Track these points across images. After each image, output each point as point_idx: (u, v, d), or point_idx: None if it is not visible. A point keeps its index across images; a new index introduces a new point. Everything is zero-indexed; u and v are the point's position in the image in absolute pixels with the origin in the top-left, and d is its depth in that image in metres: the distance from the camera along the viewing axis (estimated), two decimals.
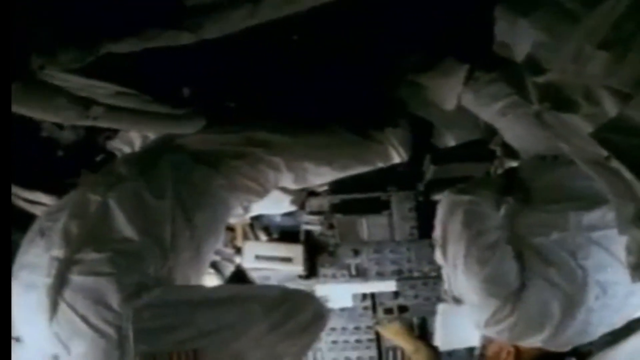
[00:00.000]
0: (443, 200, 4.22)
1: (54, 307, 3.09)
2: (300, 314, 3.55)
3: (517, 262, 3.72)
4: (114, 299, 3.10)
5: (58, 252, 3.22)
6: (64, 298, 3.11)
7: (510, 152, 4.43)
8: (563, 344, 3.83)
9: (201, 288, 3.82)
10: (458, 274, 3.87)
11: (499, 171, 4.61)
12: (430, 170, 4.73)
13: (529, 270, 3.70)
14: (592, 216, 3.70)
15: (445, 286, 4.29)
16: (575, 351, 4.03)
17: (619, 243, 3.47)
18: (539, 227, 3.76)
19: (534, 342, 3.78)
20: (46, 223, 3.45)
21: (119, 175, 3.69)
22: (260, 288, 4.50)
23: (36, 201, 4.27)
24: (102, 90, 3.28)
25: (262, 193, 4.38)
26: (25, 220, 3.76)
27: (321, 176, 4.60)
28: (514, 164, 4.47)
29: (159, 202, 3.58)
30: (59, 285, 3.12)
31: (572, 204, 3.75)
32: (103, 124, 3.53)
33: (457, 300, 4.04)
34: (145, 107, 3.68)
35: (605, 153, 2.60)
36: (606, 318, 3.76)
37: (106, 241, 3.33)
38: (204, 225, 3.84)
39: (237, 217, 4.73)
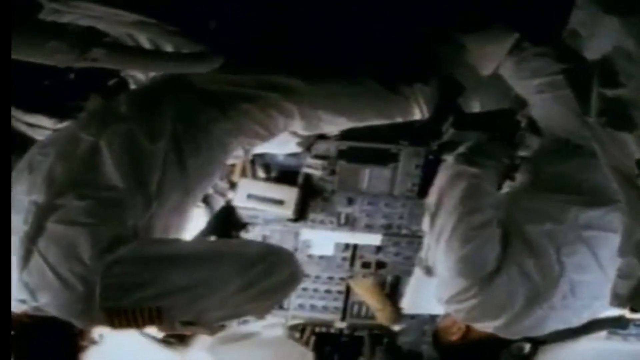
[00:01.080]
0: (446, 166, 4.50)
1: (26, 257, 3.21)
2: (274, 275, 3.70)
3: (500, 245, 3.94)
4: (86, 252, 3.19)
5: (38, 197, 3.31)
6: (37, 247, 3.21)
7: (534, 128, 4.52)
8: (514, 334, 4.22)
9: (176, 243, 3.85)
10: (439, 246, 4.10)
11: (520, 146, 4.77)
12: (448, 133, 4.95)
13: (508, 255, 3.91)
14: (591, 214, 3.93)
15: (422, 254, 4.60)
16: (528, 338, 4.60)
17: (606, 247, 3.87)
18: (536, 214, 3.99)
19: (485, 327, 4.11)
20: (37, 157, 3.53)
21: (117, 114, 3.77)
22: (238, 245, 4.55)
23: (38, 125, 4.33)
24: (120, 17, 3.40)
25: (267, 137, 4.48)
26: (26, 146, 3.84)
27: (335, 125, 4.73)
28: (536, 140, 4.66)
29: (153, 145, 3.64)
30: (34, 234, 3.23)
31: (577, 197, 3.97)
32: (104, 65, 3.50)
33: (429, 271, 4.37)
34: (163, 40, 3.79)
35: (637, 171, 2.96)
36: (565, 317, 4.13)
37: (90, 187, 3.41)
38: (197, 171, 3.93)
39: (236, 159, 4.84)
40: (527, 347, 5.73)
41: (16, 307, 3.27)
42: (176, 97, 3.93)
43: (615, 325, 5.26)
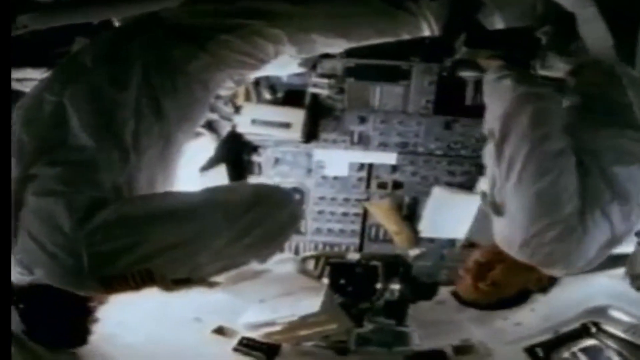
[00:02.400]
0: (506, 88, 4.12)
1: (15, 234, 3.33)
2: (270, 219, 3.82)
3: (578, 179, 3.73)
4: (65, 223, 3.27)
5: (14, 171, 3.40)
6: (21, 222, 3.34)
7: (557, 44, 4.55)
8: (572, 274, 4.41)
9: (158, 198, 3.82)
10: (509, 180, 3.78)
11: (539, 67, 4.69)
12: (462, 51, 5.08)
13: (588, 194, 3.72)
14: None
15: (484, 187, 4.31)
16: None
17: None
18: (622, 154, 3.81)
19: (557, 272, 4.15)
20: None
21: (81, 67, 3.78)
22: (227, 191, 4.39)
23: (26, 78, 4.55)
24: None
25: (258, 66, 4.51)
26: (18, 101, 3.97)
27: (334, 47, 4.80)
28: (558, 62, 4.71)
29: (122, 94, 3.68)
30: (16, 209, 3.33)
31: None
32: (41, 26, 3.74)
33: (497, 209, 3.95)
34: None
35: None
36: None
37: (60, 152, 3.48)
38: (176, 114, 3.97)
39: (228, 90, 5.00)
40: None
41: (18, 280, 3.46)
42: (145, 38, 3.99)
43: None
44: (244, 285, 5.18)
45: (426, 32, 4.68)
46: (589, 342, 5.06)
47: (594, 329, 5.06)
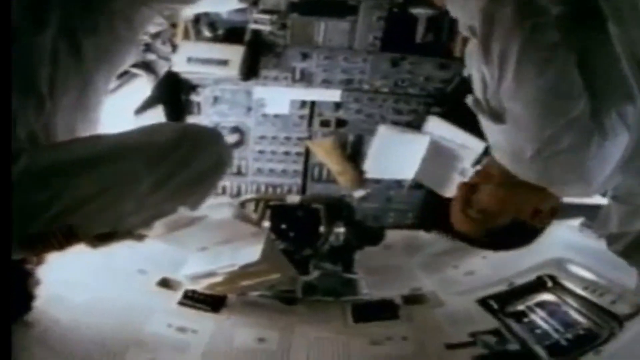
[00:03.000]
0: None
1: None
2: (195, 162, 3.79)
3: (582, 78, 3.35)
4: None
5: None
6: None
7: None
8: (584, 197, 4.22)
9: (71, 146, 3.64)
10: (505, 78, 3.41)
11: None
12: None
13: (600, 93, 3.37)
14: None
15: (478, 94, 3.83)
16: None
17: None
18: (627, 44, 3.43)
19: (568, 193, 3.90)
20: None
21: None
22: (146, 133, 4.14)
23: None
24: None
25: (188, 0, 4.52)
26: None
27: None
28: None
29: (37, 37, 3.49)
30: None
31: None
32: None
33: (496, 116, 3.58)
34: None
35: None
36: None
37: None
38: (96, 56, 3.83)
39: (160, 26, 4.99)
40: None
41: None
42: None
43: (592, 216, 5.76)
44: (182, 234, 4.99)
45: None
46: (546, 296, 5.12)
47: (550, 283, 5.18)
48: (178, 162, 3.67)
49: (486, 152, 6.01)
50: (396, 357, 4.62)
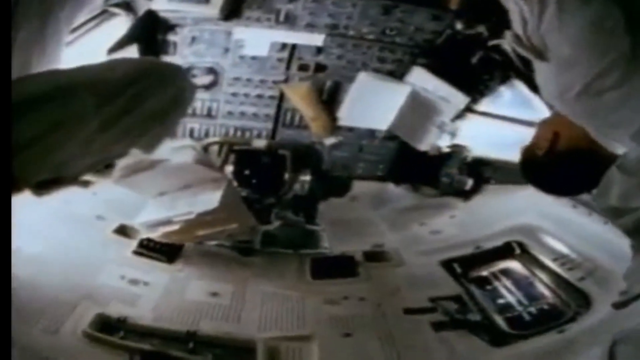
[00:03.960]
0: None
1: None
2: (151, 98, 3.56)
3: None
4: None
5: None
6: None
7: None
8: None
9: (19, 83, 3.30)
10: (547, 13, 3.36)
11: None
12: None
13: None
14: None
15: (518, 30, 3.67)
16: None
17: None
18: None
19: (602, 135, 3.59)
20: None
21: None
22: (99, 69, 3.76)
23: None
24: None
25: None
26: None
27: None
28: None
29: None
30: None
31: None
32: None
33: (538, 53, 3.51)
34: None
35: None
36: None
37: None
38: None
39: None
40: (469, 182, 6.18)
41: None
42: None
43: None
44: (141, 178, 4.98)
45: None
46: (512, 264, 5.13)
47: (518, 250, 5.18)
48: (131, 98, 3.42)
49: (468, 108, 6.03)
50: (351, 318, 4.61)
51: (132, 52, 5.34)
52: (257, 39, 5.65)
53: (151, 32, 5.56)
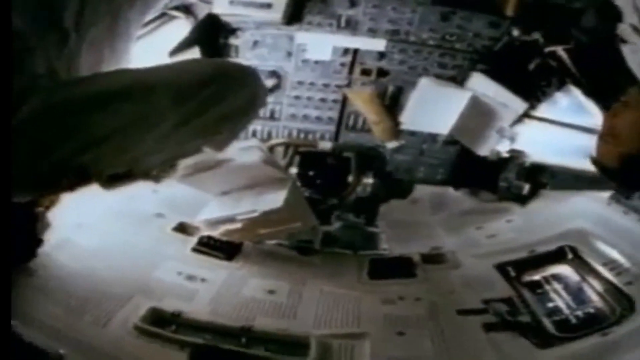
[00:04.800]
0: None
1: None
2: (226, 99, 3.67)
3: None
4: None
5: None
6: None
7: None
8: None
9: (93, 80, 3.41)
10: None
11: None
12: None
13: None
14: None
15: (631, 20, 4.10)
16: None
17: None
18: None
19: None
20: None
21: None
22: (175, 69, 3.96)
23: None
24: None
25: None
26: None
27: None
28: None
29: None
30: None
31: None
32: None
33: None
34: None
35: None
36: None
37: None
38: None
39: None
40: (526, 188, 6.21)
41: None
42: None
43: (621, 191, 5.78)
44: (206, 176, 5.11)
45: None
46: (563, 269, 5.11)
47: (570, 255, 5.17)
48: (207, 99, 3.55)
49: (525, 114, 6.06)
50: (406, 318, 4.66)
51: (194, 54, 5.47)
52: (319, 43, 5.79)
53: (213, 35, 5.73)
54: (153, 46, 4.84)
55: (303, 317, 4.47)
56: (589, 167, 5.59)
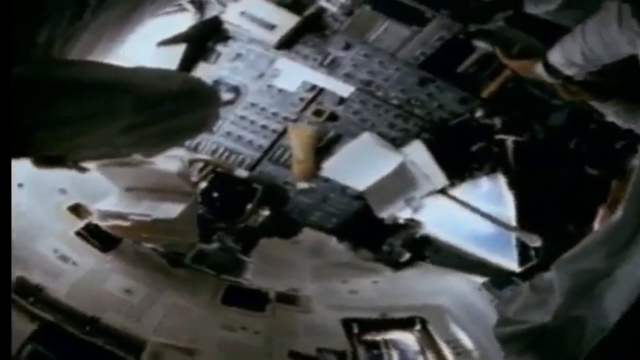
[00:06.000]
0: None
1: None
2: (186, 115, 3.82)
3: None
4: None
5: None
6: None
7: None
8: None
9: (77, 66, 3.53)
10: None
11: None
12: (497, 24, 5.09)
13: None
14: None
15: None
16: None
17: None
18: None
19: None
20: None
21: None
22: (159, 75, 4.15)
23: None
24: None
25: None
26: None
27: None
28: None
29: None
30: None
31: None
32: None
33: None
34: None
35: None
36: None
37: None
38: None
39: None
40: (406, 256, 6.72)
41: None
42: None
43: (495, 279, 5.98)
44: (120, 170, 5.41)
45: None
46: (407, 336, 5.52)
47: (419, 326, 5.53)
48: (165, 112, 3.70)
49: (443, 190, 6.38)
50: (240, 346, 5.02)
51: (177, 50, 5.68)
52: (293, 73, 5.92)
53: (206, 37, 5.81)
54: (147, 29, 4.94)
55: (148, 321, 4.80)
56: (478, 252, 5.98)
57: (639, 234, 3.61)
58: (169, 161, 5.53)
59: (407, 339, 5.52)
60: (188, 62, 5.81)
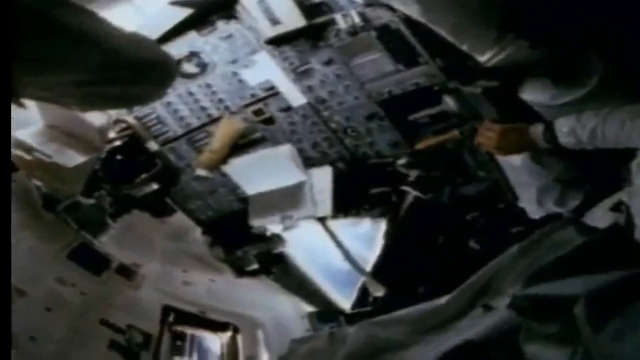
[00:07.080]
0: None
1: None
2: (145, 87, 3.87)
3: None
4: None
5: None
6: None
7: None
8: None
9: (67, 9, 3.35)
10: None
11: None
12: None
13: None
14: None
15: None
16: None
17: None
18: None
19: None
20: None
21: None
22: (130, 39, 4.00)
23: None
24: None
25: None
26: None
27: (403, 6, 4.45)
28: None
29: None
30: None
31: None
32: None
33: None
34: None
35: None
36: None
37: None
38: None
39: None
40: (254, 266, 6.89)
41: None
42: None
43: (322, 313, 6.45)
44: (52, 109, 5.26)
45: (483, 59, 4.52)
46: (213, 337, 5.91)
47: (229, 333, 5.97)
48: (126, 78, 3.59)
49: (321, 218, 6.43)
50: (60, 300, 5.08)
51: (184, 12, 5.52)
52: (264, 70, 5.74)
53: (215, 10, 5.63)
54: None
55: None
56: (322, 283, 6.58)
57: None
58: (97, 116, 5.52)
59: (214, 341, 5.88)
60: (183, 27, 5.67)
